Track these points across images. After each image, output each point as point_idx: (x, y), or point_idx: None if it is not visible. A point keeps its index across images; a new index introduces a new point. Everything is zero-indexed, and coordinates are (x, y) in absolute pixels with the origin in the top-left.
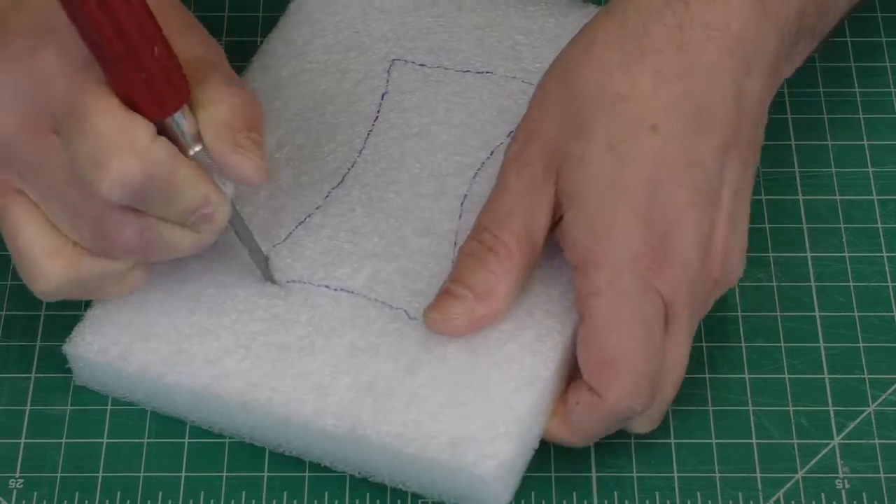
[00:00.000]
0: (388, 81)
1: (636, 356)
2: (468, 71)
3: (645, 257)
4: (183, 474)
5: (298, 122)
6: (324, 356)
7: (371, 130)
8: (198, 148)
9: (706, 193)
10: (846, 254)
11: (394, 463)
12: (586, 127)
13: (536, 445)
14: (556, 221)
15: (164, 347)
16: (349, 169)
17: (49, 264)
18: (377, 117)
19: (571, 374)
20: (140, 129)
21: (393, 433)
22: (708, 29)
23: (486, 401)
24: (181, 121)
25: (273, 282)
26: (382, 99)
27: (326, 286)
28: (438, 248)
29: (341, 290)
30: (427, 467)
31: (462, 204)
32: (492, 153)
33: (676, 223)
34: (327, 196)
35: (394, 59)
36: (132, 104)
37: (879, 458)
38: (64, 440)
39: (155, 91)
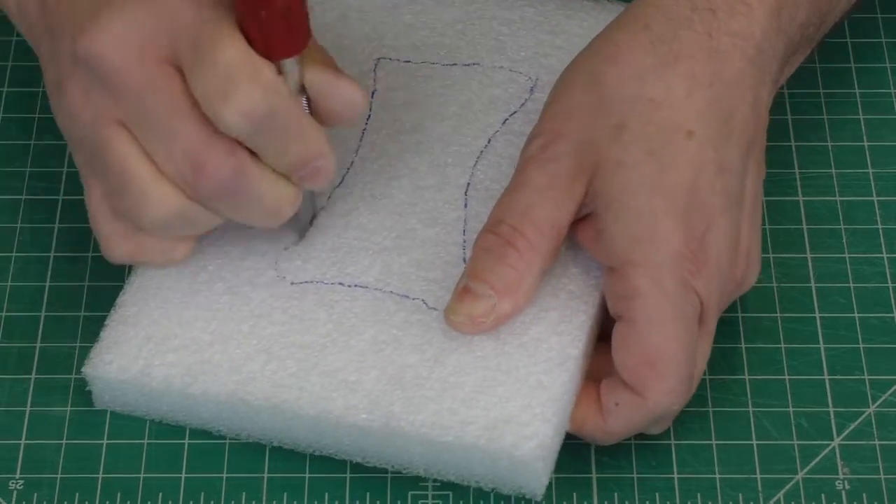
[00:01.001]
0: (375, 80)
1: (679, 356)
2: (454, 64)
3: (686, 259)
4: (183, 475)
5: None
6: (348, 352)
7: (365, 129)
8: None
9: (735, 198)
10: (846, 254)
11: (430, 452)
12: (623, 131)
13: (568, 426)
14: (577, 220)
15: (186, 358)
16: (348, 168)
17: (158, 189)
18: (370, 116)
19: (600, 370)
20: (265, 62)
21: (428, 423)
22: (734, 38)
23: (518, 383)
24: (292, 69)
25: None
26: (373, 97)
27: (340, 283)
28: (448, 237)
29: (356, 285)
30: (465, 454)
31: (466, 193)
32: (489, 141)
33: (711, 227)
34: (330, 197)
35: (379, 58)
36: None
37: (879, 459)
38: (64, 441)
39: (267, 38)
